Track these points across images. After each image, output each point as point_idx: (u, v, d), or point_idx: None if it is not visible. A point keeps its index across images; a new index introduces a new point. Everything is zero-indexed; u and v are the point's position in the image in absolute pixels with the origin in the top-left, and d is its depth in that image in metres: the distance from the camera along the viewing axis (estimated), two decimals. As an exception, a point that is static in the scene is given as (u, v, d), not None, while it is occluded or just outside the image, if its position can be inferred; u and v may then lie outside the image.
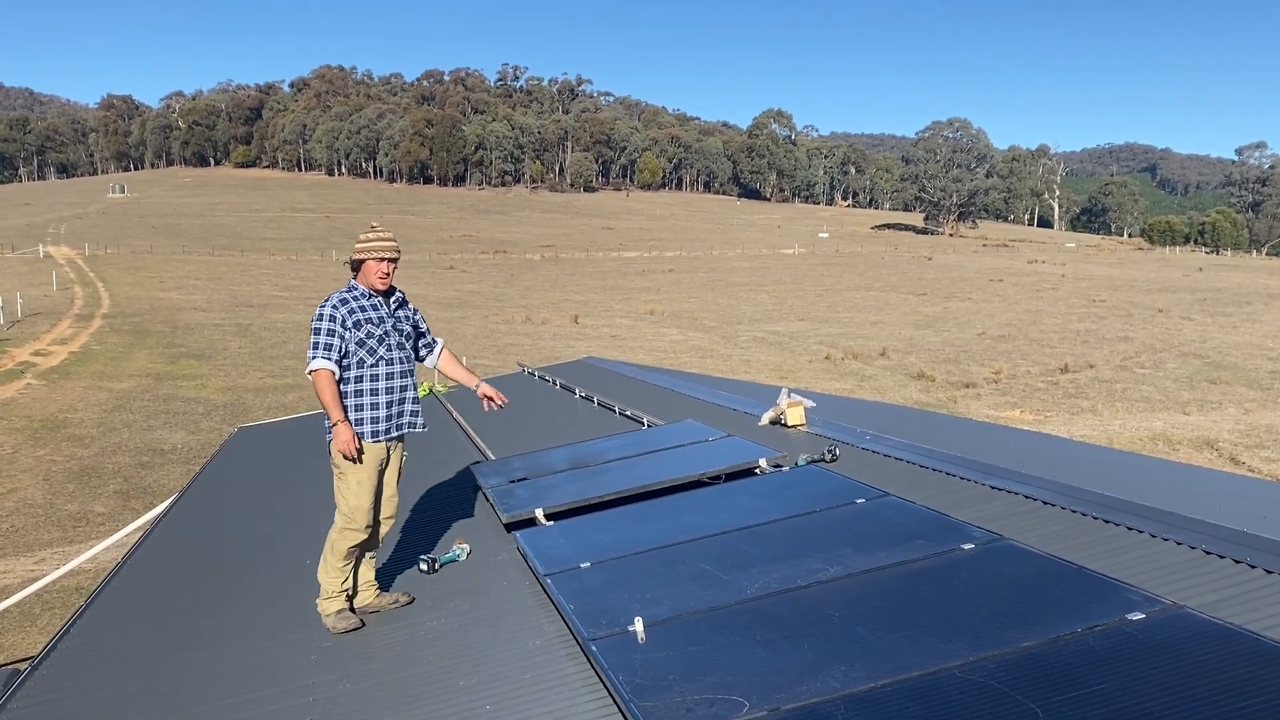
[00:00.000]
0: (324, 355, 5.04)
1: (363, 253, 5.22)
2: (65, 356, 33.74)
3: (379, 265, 5.20)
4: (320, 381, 5.03)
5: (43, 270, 65.77)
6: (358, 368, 5.13)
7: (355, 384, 5.13)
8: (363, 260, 5.22)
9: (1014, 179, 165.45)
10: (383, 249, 5.20)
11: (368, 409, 5.15)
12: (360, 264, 5.25)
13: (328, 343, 5.05)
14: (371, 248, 5.20)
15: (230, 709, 4.23)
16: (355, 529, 5.07)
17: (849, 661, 3.33)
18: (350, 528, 5.07)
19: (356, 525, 5.07)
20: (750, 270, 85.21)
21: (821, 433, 7.55)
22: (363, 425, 5.12)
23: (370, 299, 5.22)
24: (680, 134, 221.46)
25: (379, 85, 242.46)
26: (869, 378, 33.01)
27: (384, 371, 5.20)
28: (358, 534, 5.08)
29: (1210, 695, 2.75)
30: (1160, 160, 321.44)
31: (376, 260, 5.19)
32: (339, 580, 5.06)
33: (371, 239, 5.21)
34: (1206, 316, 48.72)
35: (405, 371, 5.35)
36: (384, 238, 5.22)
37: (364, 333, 5.12)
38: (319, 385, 5.04)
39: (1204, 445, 22.09)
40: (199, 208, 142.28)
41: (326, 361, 5.04)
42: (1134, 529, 4.33)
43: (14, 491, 18.06)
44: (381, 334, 5.20)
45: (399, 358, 5.29)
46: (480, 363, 33.16)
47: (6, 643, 11.32)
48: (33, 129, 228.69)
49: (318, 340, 5.07)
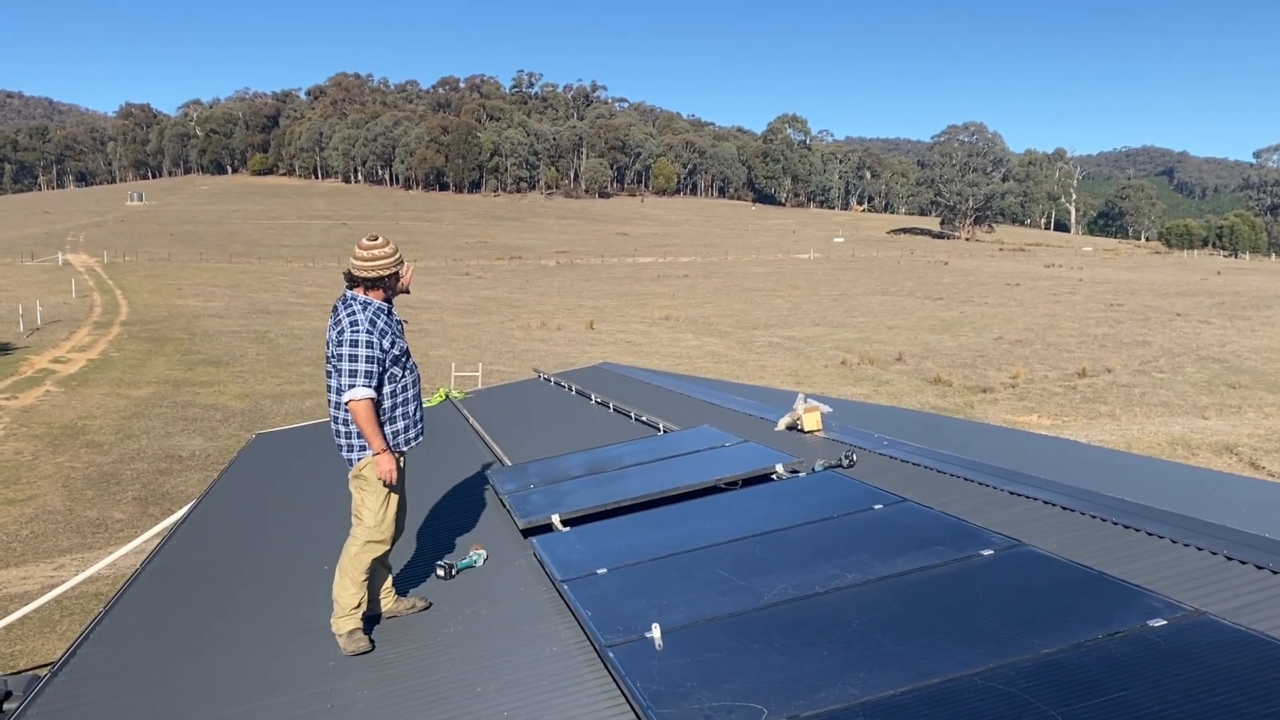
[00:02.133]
0: (366, 382, 4.86)
1: (392, 265, 4.99)
2: (84, 363, 33.96)
3: (406, 275, 5.10)
4: (364, 410, 4.86)
5: (62, 278, 66.23)
6: (390, 383, 5.03)
7: (390, 399, 5.04)
8: (393, 274, 5.02)
9: (1030, 183, 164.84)
10: (401, 259, 5.08)
11: (400, 422, 5.09)
12: (384, 279, 5.01)
13: (369, 370, 4.87)
14: (397, 259, 5.03)
15: (248, 714, 4.24)
16: (382, 542, 5.00)
17: (868, 668, 3.31)
18: (375, 540, 4.98)
19: (383, 538, 5.01)
20: (765, 275, 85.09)
21: (838, 438, 7.52)
22: (396, 438, 5.06)
23: (390, 313, 5.08)
24: (695, 139, 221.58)
25: (395, 93, 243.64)
26: (885, 382, 32.91)
27: (411, 381, 5.16)
28: (384, 547, 5.02)
29: (1234, 702, 2.72)
30: (1178, 163, 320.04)
31: (404, 267, 5.08)
32: (357, 597, 4.92)
33: (388, 251, 5.02)
34: (1225, 320, 48.40)
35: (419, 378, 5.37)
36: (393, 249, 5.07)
37: (399, 349, 5.04)
38: (362, 414, 4.86)
39: (1223, 450, 21.93)
40: (216, 215, 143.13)
41: (369, 389, 4.87)
42: (1154, 534, 4.30)
43: (34, 498, 18.17)
44: (406, 346, 5.16)
45: (413, 364, 5.27)
46: (496, 368, 33.22)
47: (27, 649, 11.39)
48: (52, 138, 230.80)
49: (356, 367, 4.86)
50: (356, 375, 4.84)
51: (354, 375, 4.84)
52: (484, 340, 43.49)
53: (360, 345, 4.84)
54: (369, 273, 4.96)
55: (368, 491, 5.02)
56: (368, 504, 5.02)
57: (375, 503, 5.00)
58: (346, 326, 4.90)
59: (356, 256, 4.96)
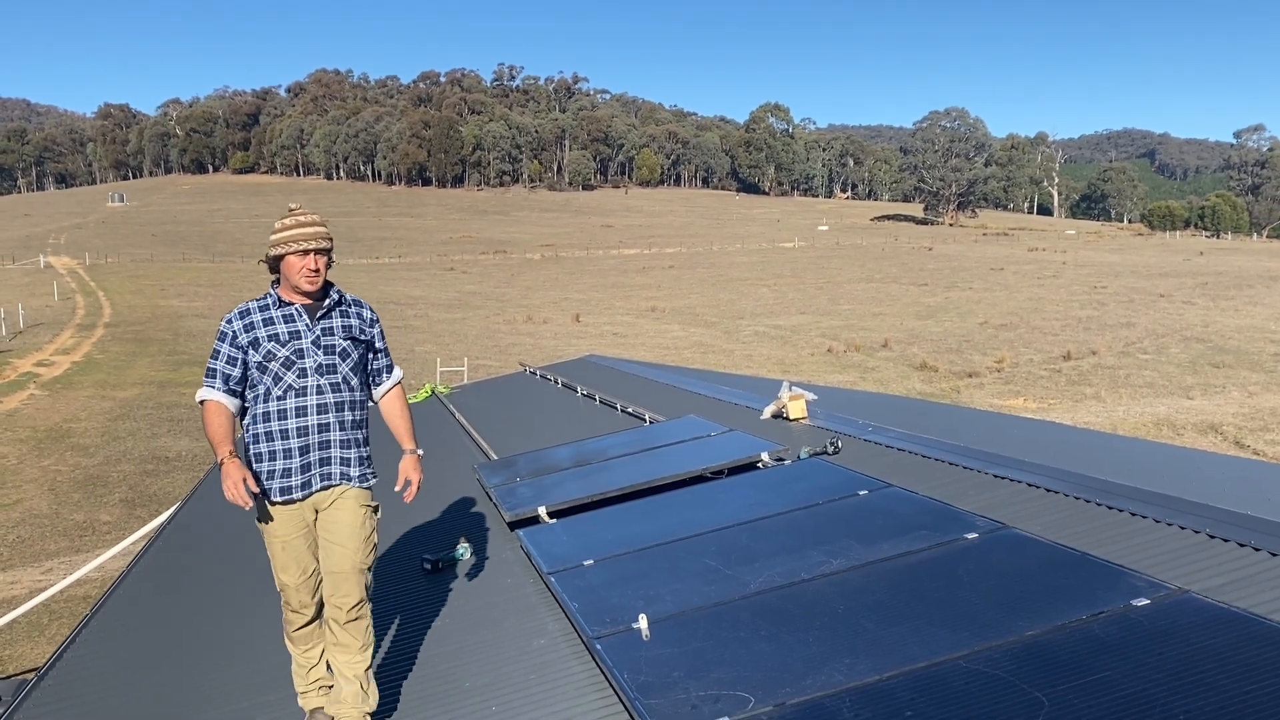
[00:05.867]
0: (210, 382, 3.94)
1: (279, 245, 3.88)
2: (68, 366, 33.78)
3: (301, 261, 3.88)
4: (206, 415, 3.92)
5: (44, 281, 65.83)
6: (262, 401, 3.95)
7: (257, 423, 3.96)
8: (280, 256, 3.90)
9: (1013, 167, 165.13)
10: (305, 238, 3.87)
11: (268, 458, 3.94)
12: (278, 261, 3.93)
13: (216, 368, 3.94)
14: (290, 237, 3.86)
15: (237, 714, 4.23)
16: (286, 604, 4.07)
17: (854, 654, 3.32)
18: (284, 605, 4.08)
19: (287, 602, 4.05)
20: (751, 265, 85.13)
21: (824, 425, 7.53)
22: (272, 479, 3.93)
23: (282, 308, 3.98)
24: (677, 130, 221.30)
25: (375, 88, 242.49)
26: (871, 369, 32.98)
27: (293, 405, 3.93)
28: (294, 614, 4.05)
29: (1217, 680, 2.74)
30: (1159, 145, 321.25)
31: (298, 254, 3.87)
32: (302, 674, 4.12)
33: (290, 225, 3.88)
34: (1208, 300, 48.63)
35: (328, 405, 4.00)
36: (305, 222, 3.89)
37: (263, 354, 3.91)
38: (204, 419, 3.94)
39: (1208, 429, 22.06)
40: (198, 215, 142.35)
41: (212, 391, 3.92)
42: (1138, 514, 4.32)
43: (20, 502, 18.08)
44: (288, 355, 3.93)
45: (317, 385, 3.96)
46: (482, 363, 33.18)
47: (16, 653, 11.33)
48: (31, 140, 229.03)
49: (210, 365, 3.98)
50: (208, 375, 4.00)
51: (206, 374, 4.01)
52: (470, 335, 43.43)
53: (220, 338, 3.99)
54: (267, 253, 4.00)
55: (263, 533, 4.07)
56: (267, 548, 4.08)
57: (271, 558, 4.06)
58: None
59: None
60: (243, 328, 3.93)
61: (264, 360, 3.90)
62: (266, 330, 3.92)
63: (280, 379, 3.92)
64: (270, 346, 3.91)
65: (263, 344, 3.90)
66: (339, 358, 4.01)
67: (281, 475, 3.93)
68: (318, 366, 3.96)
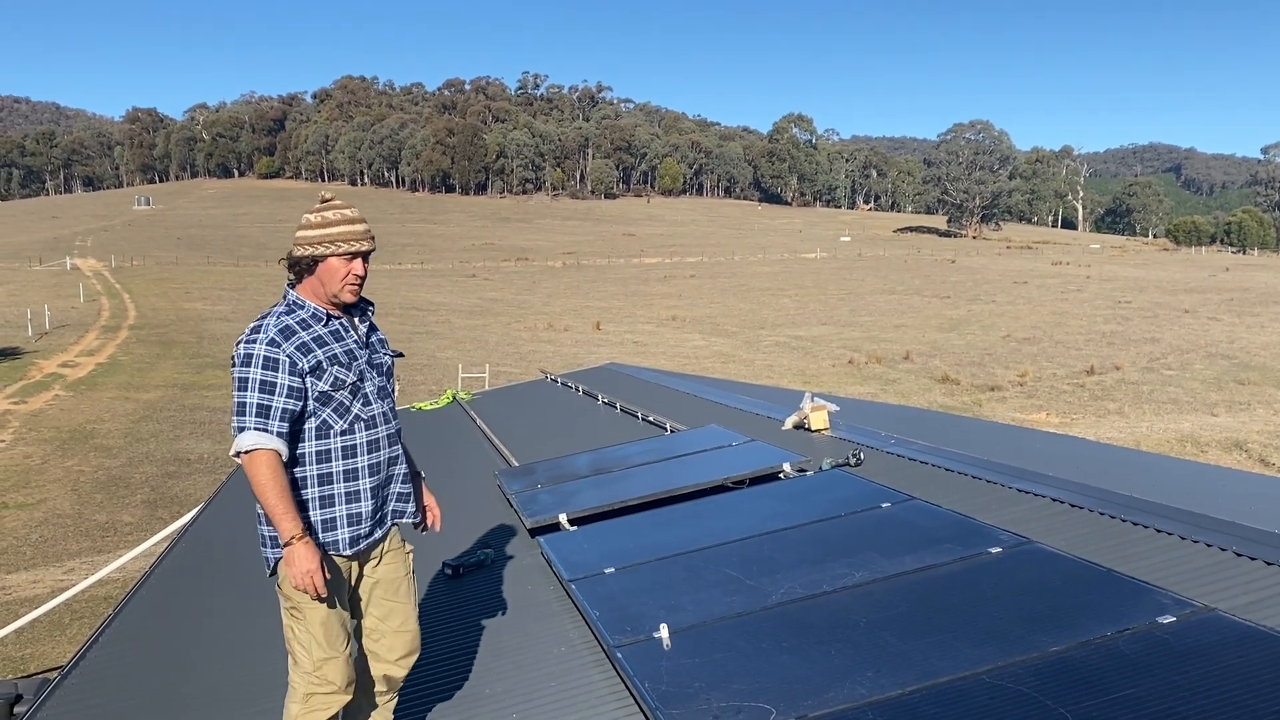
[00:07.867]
0: (261, 423, 3.09)
1: (319, 243, 3.22)
2: (92, 367, 34.06)
3: (347, 266, 3.25)
4: (262, 470, 3.07)
5: (70, 282, 66.41)
6: (320, 438, 3.25)
7: (319, 465, 3.26)
8: (318, 258, 3.23)
9: (1037, 180, 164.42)
10: (355, 237, 3.24)
11: (343, 503, 3.28)
12: (313, 263, 3.25)
13: (268, 403, 3.11)
14: (337, 235, 3.22)
15: (256, 716, 4.24)
16: (330, 691, 3.29)
17: (876, 668, 3.30)
18: (321, 691, 3.27)
19: (332, 685, 3.28)
20: (772, 275, 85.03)
21: (845, 437, 7.51)
22: (336, 530, 3.29)
23: (329, 322, 3.30)
24: (700, 139, 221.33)
25: (400, 95, 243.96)
26: (893, 381, 32.86)
27: (364, 440, 3.31)
28: (337, 698, 3.31)
29: (1244, 699, 2.71)
30: (1185, 160, 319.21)
31: (344, 257, 3.24)
32: None
33: (335, 221, 3.23)
34: (1234, 317, 48.25)
35: (395, 435, 3.47)
36: (351, 218, 3.27)
37: (329, 382, 3.22)
38: (260, 476, 3.07)
39: (1233, 446, 21.87)
40: (223, 219, 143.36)
41: (265, 435, 3.09)
42: (1163, 531, 4.28)
43: (43, 502, 18.22)
44: (356, 378, 3.30)
45: (383, 413, 3.40)
46: (503, 370, 33.25)
47: (37, 652, 11.41)
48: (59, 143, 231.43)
49: (247, 399, 3.10)
50: (246, 413, 3.10)
51: (241, 413, 3.11)
52: (491, 342, 43.54)
53: (254, 363, 3.13)
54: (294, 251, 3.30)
55: (296, 616, 3.29)
56: (298, 636, 3.29)
57: (302, 630, 3.27)
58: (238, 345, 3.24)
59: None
60: (298, 350, 3.18)
61: (331, 390, 3.23)
62: (324, 352, 3.24)
63: (347, 410, 3.27)
64: (335, 372, 3.24)
65: (325, 369, 3.22)
66: (387, 378, 3.49)
67: (350, 523, 3.31)
68: (378, 390, 3.40)
